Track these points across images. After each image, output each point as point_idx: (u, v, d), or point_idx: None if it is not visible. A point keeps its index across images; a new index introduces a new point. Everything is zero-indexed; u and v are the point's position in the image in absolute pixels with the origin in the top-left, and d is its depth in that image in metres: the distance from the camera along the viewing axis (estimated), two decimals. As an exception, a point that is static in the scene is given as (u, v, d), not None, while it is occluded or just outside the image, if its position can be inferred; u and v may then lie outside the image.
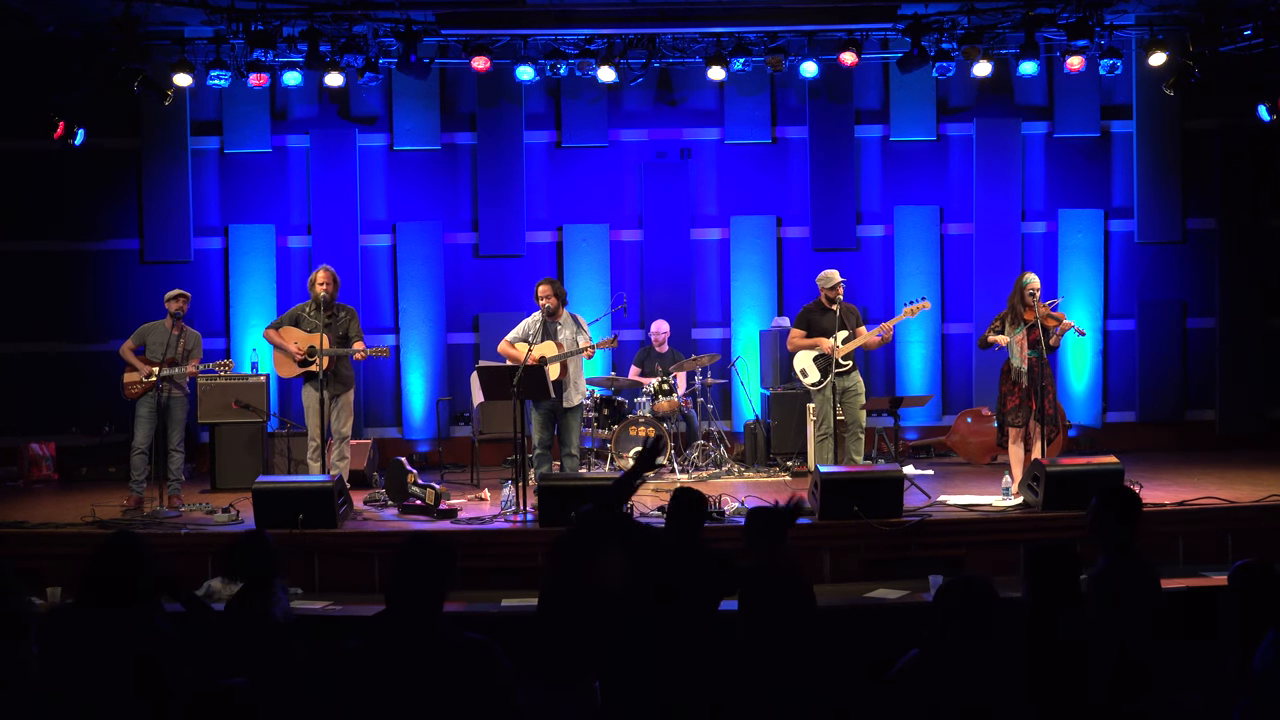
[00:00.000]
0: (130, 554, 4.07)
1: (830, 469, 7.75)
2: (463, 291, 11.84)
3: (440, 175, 11.87)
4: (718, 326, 11.93)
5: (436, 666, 3.33)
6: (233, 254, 11.66)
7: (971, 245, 11.80)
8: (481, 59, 10.54)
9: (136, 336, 8.77)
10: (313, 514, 7.40)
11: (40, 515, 8.23)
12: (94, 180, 11.48)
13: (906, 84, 11.54)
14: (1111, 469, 7.56)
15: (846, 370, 8.76)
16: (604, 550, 4.85)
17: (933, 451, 11.40)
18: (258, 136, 11.65)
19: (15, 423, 11.22)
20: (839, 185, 11.75)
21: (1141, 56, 10.87)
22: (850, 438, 8.77)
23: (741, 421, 11.33)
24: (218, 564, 4.79)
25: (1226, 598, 4.02)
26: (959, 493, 8.57)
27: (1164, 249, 11.82)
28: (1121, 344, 11.86)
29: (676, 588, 4.69)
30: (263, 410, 9.95)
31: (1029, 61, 10.38)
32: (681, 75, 11.69)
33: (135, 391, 8.62)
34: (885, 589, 6.58)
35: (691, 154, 11.86)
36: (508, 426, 9.54)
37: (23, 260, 11.54)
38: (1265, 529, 7.50)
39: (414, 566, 3.43)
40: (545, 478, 7.75)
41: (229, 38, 10.13)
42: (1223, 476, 9.06)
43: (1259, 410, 11.69)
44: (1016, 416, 8.27)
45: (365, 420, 11.47)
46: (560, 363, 8.46)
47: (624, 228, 11.89)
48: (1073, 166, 11.87)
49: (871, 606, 6.48)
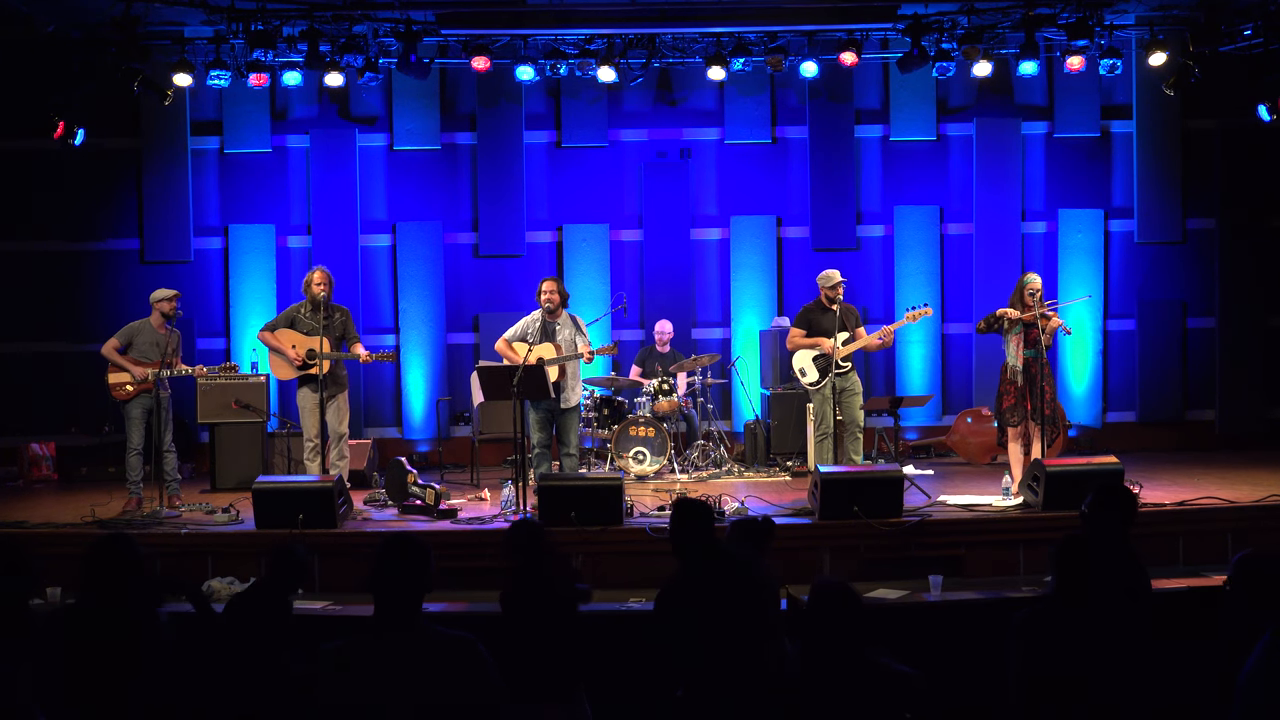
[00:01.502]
0: (120, 555, 4.11)
1: (830, 469, 7.74)
2: (463, 291, 11.84)
3: (440, 175, 11.87)
4: (718, 326, 11.93)
5: (418, 663, 3.33)
6: (233, 254, 11.66)
7: (971, 245, 11.80)
8: (481, 59, 10.54)
9: (123, 336, 8.54)
10: (313, 514, 7.39)
11: (40, 515, 8.24)
12: (94, 180, 11.49)
13: (906, 84, 11.55)
14: (1111, 469, 7.55)
15: (844, 370, 8.75)
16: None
17: (933, 451, 11.40)
18: (258, 136, 11.66)
19: (15, 423, 11.22)
20: (839, 185, 11.76)
21: (1141, 56, 10.87)
22: (849, 438, 8.76)
23: (741, 421, 11.33)
24: (268, 563, 4.82)
25: (1228, 592, 3.89)
26: (959, 493, 8.57)
27: (1164, 249, 11.82)
28: (1121, 344, 11.86)
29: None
30: (262, 410, 9.94)
31: (1029, 61, 10.37)
32: (681, 75, 11.69)
33: (127, 393, 8.45)
34: (885, 589, 6.57)
35: (691, 154, 11.87)
36: (507, 426, 9.54)
37: (23, 260, 11.54)
38: (1265, 529, 7.49)
39: (391, 565, 3.44)
40: (545, 478, 7.74)
41: (229, 38, 10.13)
42: (1223, 476, 9.05)
43: (1259, 410, 11.69)
44: (1013, 415, 8.27)
45: (365, 420, 11.47)
46: (559, 364, 8.45)
47: (624, 228, 11.89)
48: (1073, 166, 11.87)
49: (871, 606, 6.47)
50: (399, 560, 3.45)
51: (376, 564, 3.44)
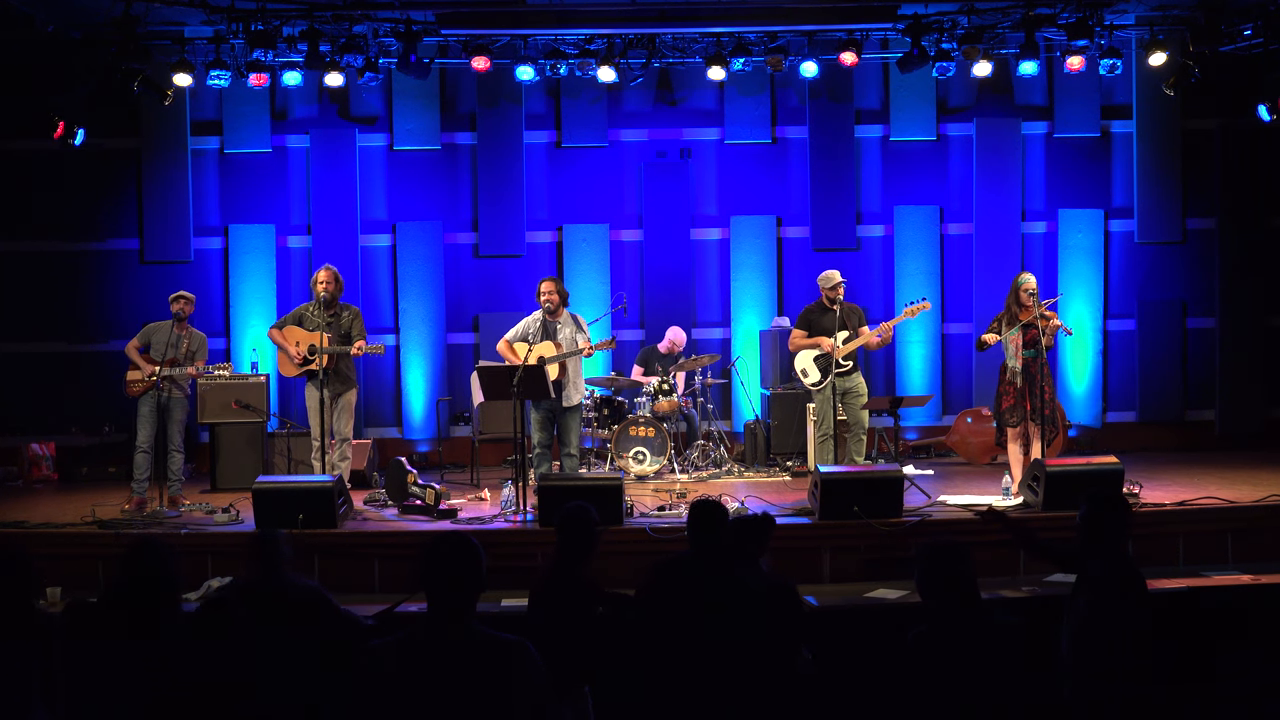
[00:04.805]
0: (158, 558, 4.13)
1: (830, 469, 7.74)
2: (463, 291, 11.85)
3: (440, 175, 11.87)
4: (718, 326, 11.93)
5: (470, 666, 3.29)
6: (233, 254, 11.66)
7: (971, 245, 11.80)
8: (481, 59, 10.54)
9: (142, 336, 8.80)
10: (313, 514, 7.40)
11: (40, 515, 8.24)
12: (94, 180, 11.49)
13: (906, 84, 11.54)
14: (1111, 469, 7.56)
15: (847, 371, 8.74)
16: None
17: (933, 451, 11.40)
18: (258, 136, 11.66)
19: (15, 423, 11.21)
20: (839, 185, 11.76)
21: (1141, 56, 10.88)
22: (852, 439, 8.76)
23: (741, 421, 11.33)
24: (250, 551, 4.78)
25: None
26: (959, 493, 8.57)
27: (1164, 249, 11.82)
28: (1121, 344, 11.87)
29: None
30: (263, 410, 9.95)
31: (1029, 61, 10.37)
32: (681, 75, 11.69)
33: (136, 390, 8.62)
34: (885, 589, 6.58)
35: (691, 154, 11.87)
36: (508, 426, 9.54)
37: (23, 260, 11.55)
38: (1265, 529, 7.50)
39: (442, 564, 3.39)
40: (545, 478, 7.74)
41: (229, 38, 10.13)
42: (1223, 476, 9.05)
43: (1259, 410, 11.69)
44: (1012, 415, 8.27)
45: (365, 420, 11.47)
46: (559, 363, 8.46)
47: (624, 228, 11.89)
48: (1073, 166, 11.87)
49: (871, 606, 6.47)
50: (451, 559, 3.39)
51: (427, 562, 3.38)
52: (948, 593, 3.97)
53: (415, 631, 3.34)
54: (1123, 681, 4.26)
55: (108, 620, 4.11)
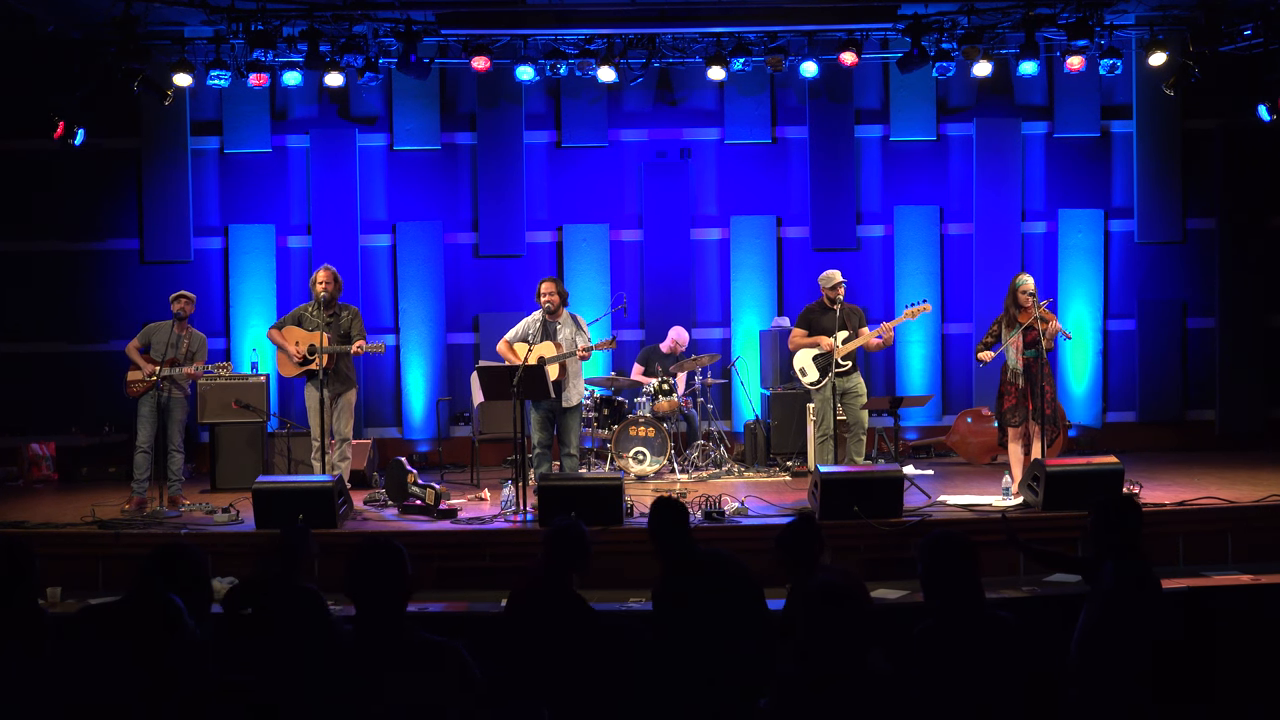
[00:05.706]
0: (189, 564, 4.13)
1: (830, 469, 7.74)
2: (463, 291, 11.85)
3: (440, 175, 11.87)
4: (718, 326, 11.93)
5: (400, 668, 3.31)
6: (233, 254, 11.66)
7: (971, 245, 11.80)
8: (481, 59, 10.54)
9: (142, 335, 8.79)
10: (312, 514, 7.39)
11: (40, 515, 8.24)
12: (94, 180, 11.49)
13: (906, 84, 11.54)
14: (1111, 469, 7.56)
15: (847, 371, 8.74)
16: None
17: (933, 451, 11.40)
18: (258, 136, 11.66)
19: (15, 423, 11.21)
20: (839, 185, 11.75)
21: (1141, 56, 10.88)
22: (852, 439, 8.75)
23: (741, 421, 11.33)
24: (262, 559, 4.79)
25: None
26: (959, 493, 8.57)
27: (1164, 249, 11.82)
28: (1121, 344, 11.86)
29: None
30: (263, 410, 9.95)
31: (1029, 61, 10.37)
32: (681, 75, 11.69)
33: (137, 390, 8.62)
34: (885, 589, 6.57)
35: (691, 154, 11.86)
36: (507, 426, 9.54)
37: (23, 260, 11.55)
38: (1265, 529, 7.50)
39: (367, 570, 3.41)
40: (545, 478, 7.75)
41: (229, 38, 10.13)
42: (1223, 476, 9.05)
43: (1259, 410, 11.69)
44: (1013, 416, 8.27)
45: (365, 420, 11.47)
46: (559, 363, 8.46)
47: (624, 228, 11.89)
48: (1073, 166, 11.87)
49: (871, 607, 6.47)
50: (373, 564, 3.41)
51: (352, 568, 3.41)
52: (952, 586, 3.95)
53: (345, 637, 3.37)
54: (1134, 687, 4.24)
55: (133, 621, 4.08)
